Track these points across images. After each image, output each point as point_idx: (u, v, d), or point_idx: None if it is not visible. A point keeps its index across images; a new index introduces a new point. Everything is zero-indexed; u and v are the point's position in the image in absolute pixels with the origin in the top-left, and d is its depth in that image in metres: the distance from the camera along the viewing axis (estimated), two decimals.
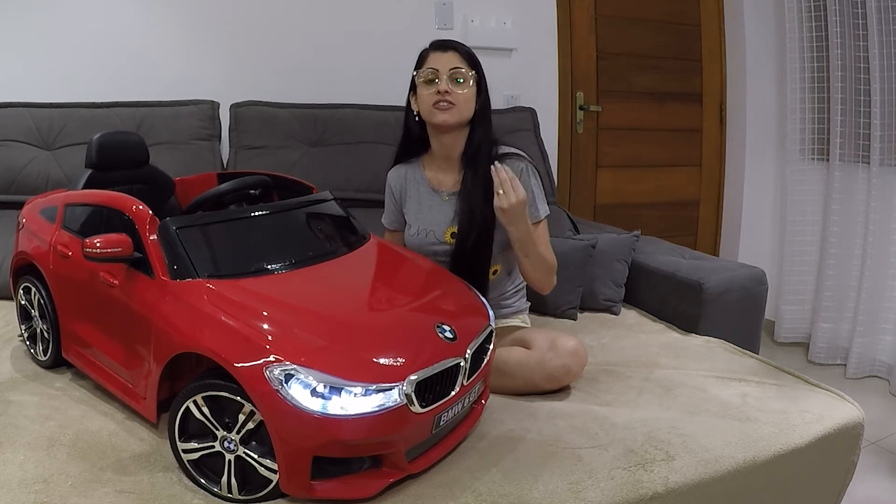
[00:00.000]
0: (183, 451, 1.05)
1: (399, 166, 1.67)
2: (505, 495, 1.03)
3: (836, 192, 2.71)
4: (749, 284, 1.89)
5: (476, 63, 1.54)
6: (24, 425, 1.18)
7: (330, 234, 1.36)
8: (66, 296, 1.34)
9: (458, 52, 1.52)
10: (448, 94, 1.48)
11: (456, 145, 1.57)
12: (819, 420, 1.30)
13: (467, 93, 1.50)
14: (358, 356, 1.01)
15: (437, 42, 1.55)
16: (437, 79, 1.50)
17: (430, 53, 1.54)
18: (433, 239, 1.58)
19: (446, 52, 1.52)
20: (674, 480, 1.11)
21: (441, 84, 1.49)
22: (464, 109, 1.50)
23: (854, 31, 2.56)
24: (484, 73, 1.56)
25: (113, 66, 2.23)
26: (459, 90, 1.49)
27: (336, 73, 2.48)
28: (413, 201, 1.64)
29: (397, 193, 1.67)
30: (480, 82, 1.55)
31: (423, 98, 1.52)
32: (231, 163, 2.21)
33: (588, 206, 3.04)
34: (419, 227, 1.61)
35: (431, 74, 1.50)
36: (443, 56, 1.51)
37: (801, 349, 2.92)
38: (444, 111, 1.49)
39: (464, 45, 1.55)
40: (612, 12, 2.94)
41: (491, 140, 1.56)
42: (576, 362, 1.38)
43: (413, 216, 1.63)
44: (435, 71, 1.50)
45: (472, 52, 1.55)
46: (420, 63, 1.55)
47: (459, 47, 1.53)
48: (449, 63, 1.50)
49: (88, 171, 1.46)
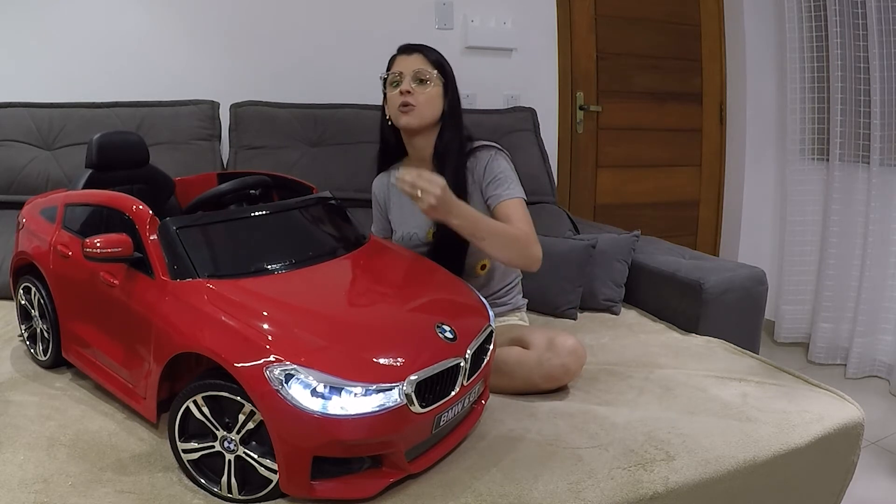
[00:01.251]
0: (183, 451, 1.05)
1: (382, 175, 1.70)
2: (505, 495, 1.03)
3: (836, 192, 2.72)
4: (749, 284, 1.89)
5: (442, 65, 1.56)
6: (24, 425, 1.18)
7: (330, 234, 1.36)
8: (66, 296, 1.34)
9: (423, 54, 1.55)
10: (410, 95, 1.50)
11: (427, 146, 1.58)
12: (819, 420, 1.30)
13: (430, 93, 1.52)
14: (358, 356, 1.01)
15: (404, 46, 1.58)
16: (400, 81, 1.52)
17: (396, 57, 1.57)
18: (417, 241, 1.59)
19: (411, 55, 1.55)
20: (674, 480, 1.11)
21: (403, 85, 1.51)
22: (425, 110, 1.52)
23: (854, 31, 2.56)
24: (453, 75, 1.57)
25: (113, 66, 2.23)
26: (421, 90, 1.51)
27: (336, 73, 2.48)
28: (396, 207, 1.66)
29: (381, 202, 1.69)
30: (447, 83, 1.56)
31: (390, 100, 1.56)
32: (231, 163, 2.21)
33: (588, 206, 3.04)
34: (403, 232, 1.63)
35: (396, 77, 1.54)
36: (408, 59, 1.54)
37: (801, 349, 2.92)
38: (406, 114, 1.51)
39: (432, 48, 1.57)
40: (612, 12, 2.94)
41: (461, 139, 1.57)
42: (574, 361, 1.38)
43: (397, 221, 1.66)
44: (400, 73, 1.53)
45: (440, 56, 1.57)
46: (388, 67, 1.58)
47: (425, 50, 1.56)
48: (413, 65, 1.53)
49: (88, 171, 1.46)
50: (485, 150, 1.57)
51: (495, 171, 1.53)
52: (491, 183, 1.53)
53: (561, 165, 2.92)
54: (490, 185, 1.53)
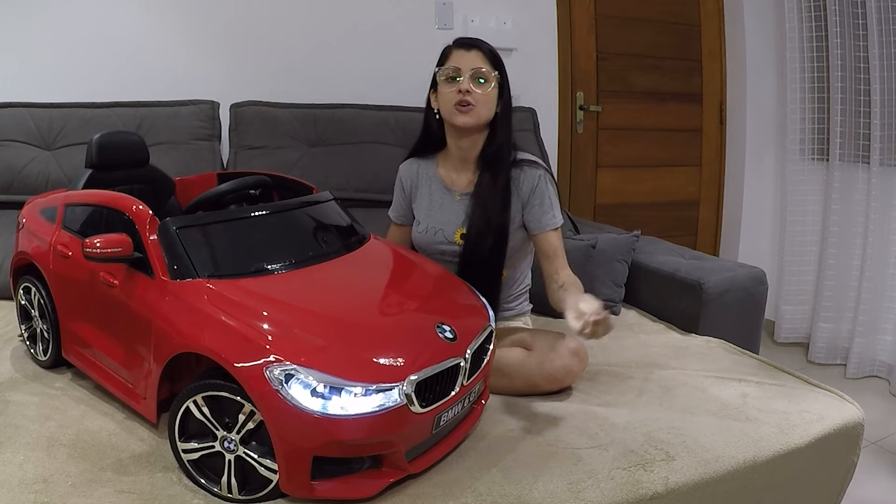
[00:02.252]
0: (183, 451, 1.05)
1: (412, 160, 1.65)
2: (505, 495, 1.03)
3: (836, 192, 2.72)
4: (749, 284, 1.89)
5: (500, 64, 1.51)
6: (24, 425, 1.18)
7: (330, 234, 1.36)
8: (66, 296, 1.34)
9: (482, 51, 1.49)
10: (469, 94, 1.46)
11: (474, 147, 1.54)
12: (819, 420, 1.30)
13: (489, 94, 1.48)
14: (358, 356, 1.01)
15: (462, 40, 1.52)
16: (458, 77, 1.47)
17: (453, 51, 1.51)
18: (442, 238, 1.57)
19: (470, 50, 1.49)
20: (674, 480, 1.11)
21: (463, 83, 1.46)
22: (483, 111, 1.48)
23: (854, 31, 2.56)
24: (507, 75, 1.52)
25: (113, 66, 2.23)
26: (481, 90, 1.47)
27: (336, 73, 2.48)
28: (424, 197, 1.62)
29: (408, 187, 1.65)
30: (503, 84, 1.52)
31: (444, 96, 1.50)
32: (231, 163, 2.21)
33: (588, 206, 3.04)
34: (428, 225, 1.59)
35: (453, 73, 1.48)
36: (466, 55, 1.48)
37: (801, 349, 2.92)
38: (464, 113, 1.47)
39: (488, 44, 1.51)
40: (612, 12, 2.94)
41: (511, 145, 1.54)
42: (577, 363, 1.38)
43: (423, 212, 1.61)
44: (457, 69, 1.47)
45: (497, 53, 1.52)
46: (442, 60, 1.52)
47: (483, 46, 1.50)
48: (472, 62, 1.47)
49: (88, 171, 1.46)
50: (533, 166, 1.53)
51: (543, 193, 1.51)
52: (537, 206, 1.51)
53: (561, 165, 2.92)
54: (535, 207, 1.51)
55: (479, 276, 1.46)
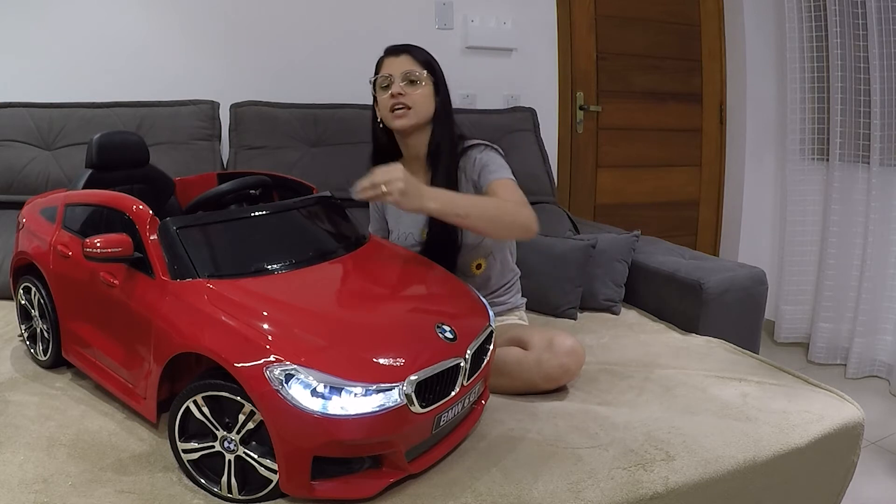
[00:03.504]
0: (183, 451, 1.05)
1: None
2: (505, 495, 1.03)
3: (836, 192, 2.72)
4: (749, 284, 1.89)
5: (431, 64, 1.55)
6: (24, 425, 1.18)
7: (330, 234, 1.36)
8: (66, 296, 1.34)
9: (411, 55, 1.54)
10: (402, 97, 1.50)
11: (419, 146, 1.58)
12: (819, 420, 1.30)
13: (422, 92, 1.52)
14: (358, 356, 1.01)
15: (391, 47, 1.58)
16: (390, 83, 1.52)
17: (384, 60, 1.57)
18: (412, 241, 1.60)
19: (399, 56, 1.54)
20: (674, 480, 1.11)
21: (394, 87, 1.51)
22: (420, 110, 1.52)
23: (854, 31, 2.56)
24: (442, 73, 1.57)
25: (113, 66, 2.23)
26: (414, 91, 1.51)
27: (336, 73, 2.48)
28: (392, 208, 1.65)
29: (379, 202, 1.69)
30: (437, 82, 1.56)
31: (381, 103, 1.56)
32: (231, 163, 2.21)
33: (588, 206, 3.04)
34: (399, 231, 1.63)
35: (385, 80, 1.53)
36: (396, 60, 1.54)
37: (801, 349, 2.92)
38: (400, 116, 1.52)
39: (419, 48, 1.57)
40: (612, 12, 2.94)
41: (453, 137, 1.58)
42: (573, 361, 1.38)
43: (393, 221, 1.66)
44: (389, 76, 1.53)
45: (428, 55, 1.57)
46: (376, 70, 1.58)
47: (413, 50, 1.55)
48: (402, 66, 1.52)
49: (88, 171, 1.46)
50: (475, 147, 1.57)
51: (484, 161, 1.54)
52: (481, 173, 1.53)
53: (561, 165, 2.92)
54: (480, 175, 1.53)
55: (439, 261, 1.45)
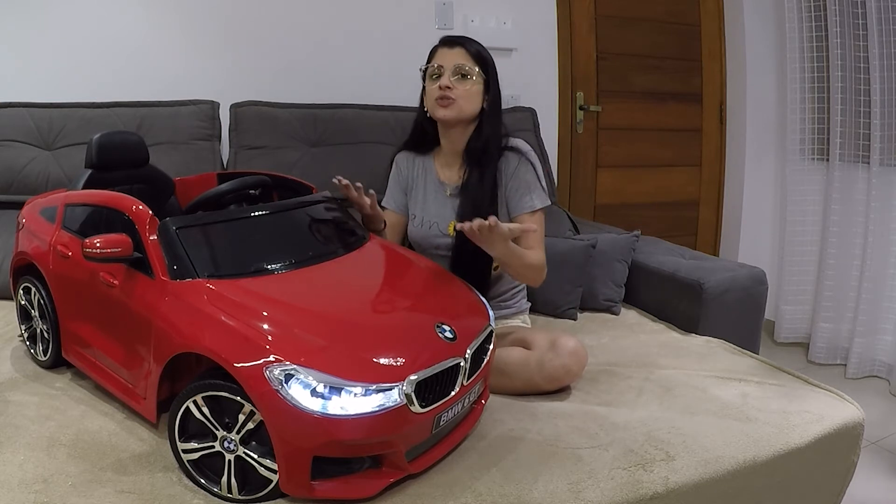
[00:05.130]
0: (183, 451, 1.05)
1: (409, 153, 1.68)
2: (505, 495, 1.03)
3: (836, 192, 2.72)
4: (749, 284, 1.89)
5: (485, 61, 1.54)
6: (24, 425, 1.18)
7: (330, 234, 1.36)
8: (66, 296, 1.34)
9: (466, 48, 1.53)
10: (449, 90, 1.50)
11: (460, 141, 1.58)
12: (819, 420, 1.30)
13: (470, 89, 1.51)
14: (358, 356, 1.01)
15: (446, 38, 1.57)
16: (440, 74, 1.52)
17: (438, 49, 1.56)
18: (437, 231, 1.59)
19: (453, 48, 1.54)
20: (674, 480, 1.11)
21: (443, 79, 1.51)
22: (465, 105, 1.51)
23: (854, 31, 2.56)
24: (496, 72, 1.56)
25: (113, 66, 2.23)
26: (462, 86, 1.51)
27: (336, 73, 2.48)
28: (420, 190, 1.65)
29: (404, 177, 1.67)
30: (489, 81, 1.55)
31: (428, 92, 1.56)
32: (231, 163, 2.21)
33: (588, 206, 3.04)
34: (423, 219, 1.62)
35: (436, 70, 1.53)
36: (449, 52, 1.53)
37: (801, 349, 2.92)
38: (443, 107, 1.51)
39: (474, 42, 1.55)
40: (612, 12, 2.94)
41: (498, 138, 1.57)
42: (576, 362, 1.38)
43: (419, 206, 1.64)
44: (440, 67, 1.52)
45: (483, 50, 1.55)
46: (429, 59, 1.57)
47: (467, 44, 1.54)
48: (454, 59, 1.52)
49: (88, 171, 1.46)
50: (514, 154, 1.56)
51: (519, 177, 1.53)
52: (513, 191, 1.54)
53: (561, 165, 2.92)
54: (514, 192, 1.54)
55: (470, 269, 1.48)
